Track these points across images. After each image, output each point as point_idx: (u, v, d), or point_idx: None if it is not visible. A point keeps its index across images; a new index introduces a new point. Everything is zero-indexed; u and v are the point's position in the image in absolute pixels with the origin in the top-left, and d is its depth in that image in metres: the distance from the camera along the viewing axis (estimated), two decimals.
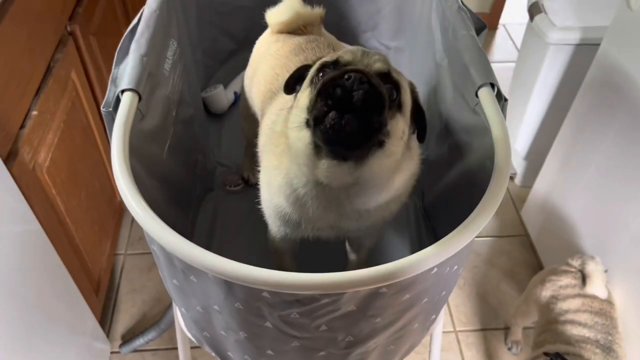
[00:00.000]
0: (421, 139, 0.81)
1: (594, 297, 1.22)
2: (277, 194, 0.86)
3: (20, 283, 1.03)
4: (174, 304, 1.09)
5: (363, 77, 0.67)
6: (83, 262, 1.36)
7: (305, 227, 0.88)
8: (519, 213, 1.90)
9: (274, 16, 1.14)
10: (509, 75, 2.45)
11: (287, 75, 0.94)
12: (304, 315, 0.67)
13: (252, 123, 1.14)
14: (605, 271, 1.26)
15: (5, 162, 1.00)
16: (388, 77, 0.73)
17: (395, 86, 0.73)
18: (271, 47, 1.13)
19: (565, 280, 1.27)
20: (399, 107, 0.73)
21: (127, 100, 0.80)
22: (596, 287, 1.22)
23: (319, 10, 1.15)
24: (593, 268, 1.24)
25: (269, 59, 1.10)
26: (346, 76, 0.66)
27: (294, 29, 1.13)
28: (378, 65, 0.73)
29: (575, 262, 1.29)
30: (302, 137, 0.73)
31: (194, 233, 1.19)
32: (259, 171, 0.95)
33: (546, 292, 1.29)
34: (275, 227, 0.93)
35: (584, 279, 1.24)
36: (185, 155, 1.14)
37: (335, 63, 0.74)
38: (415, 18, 1.34)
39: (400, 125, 0.73)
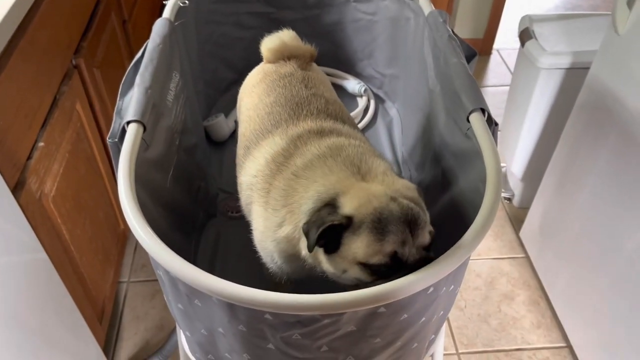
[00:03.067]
0: None
1: None
2: (276, 255, 0.90)
3: (25, 311, 1.05)
4: (177, 329, 1.10)
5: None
6: (87, 290, 1.38)
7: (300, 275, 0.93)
8: (517, 234, 1.92)
9: (265, 43, 1.19)
10: (504, 99, 2.50)
11: (258, 120, 1.00)
12: (305, 336, 0.69)
13: None
14: None
15: (13, 192, 1.03)
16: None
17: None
18: (252, 79, 1.16)
19: None
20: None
21: (133, 131, 0.83)
22: None
23: (309, 48, 1.19)
24: None
25: (247, 97, 1.13)
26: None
27: (280, 58, 1.16)
28: (427, 239, 0.77)
29: None
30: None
31: (197, 258, 1.22)
32: None
33: None
34: (271, 266, 0.96)
35: None
36: (188, 182, 1.17)
37: (394, 257, 0.74)
38: (409, 46, 1.38)
39: None
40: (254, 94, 1.10)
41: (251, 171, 0.94)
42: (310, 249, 0.75)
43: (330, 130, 0.94)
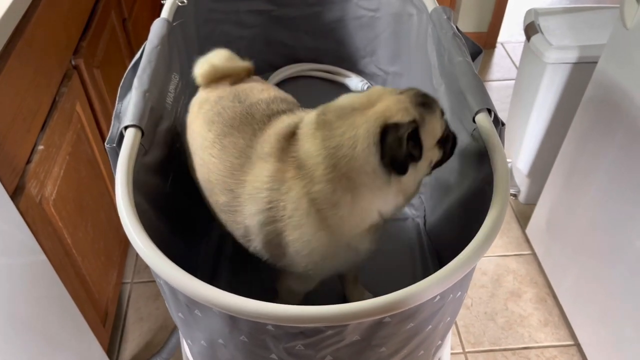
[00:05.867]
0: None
1: None
2: (365, 241, 0.88)
3: (27, 315, 1.04)
4: (180, 334, 1.09)
5: None
6: (90, 292, 1.37)
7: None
8: (524, 231, 1.90)
9: (195, 68, 1.05)
10: (508, 93, 2.47)
11: (216, 161, 0.91)
12: (308, 347, 0.67)
13: None
14: None
15: (12, 197, 1.02)
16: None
17: None
18: (189, 117, 1.02)
19: None
20: None
21: (130, 136, 0.81)
22: None
23: (245, 65, 1.08)
24: None
25: (190, 140, 1.00)
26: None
27: (212, 81, 1.03)
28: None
29: None
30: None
31: (199, 262, 1.20)
32: None
33: None
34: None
35: None
36: (189, 185, 1.15)
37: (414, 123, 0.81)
38: (412, 44, 1.36)
39: None
40: (195, 133, 0.97)
41: (259, 207, 0.86)
42: (405, 167, 0.79)
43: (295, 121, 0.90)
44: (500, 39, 2.80)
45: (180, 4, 1.19)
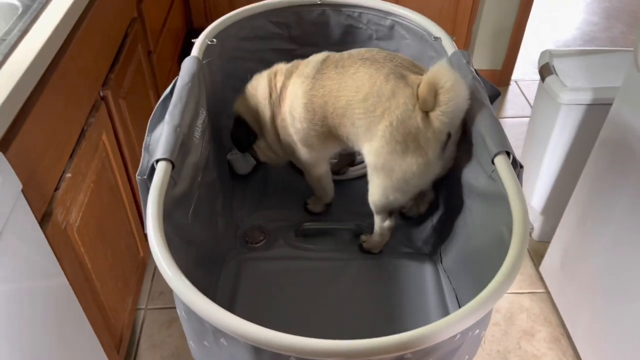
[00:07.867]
0: None
1: None
2: None
3: (46, 338, 1.05)
4: None
5: None
6: (106, 318, 1.38)
7: None
8: (537, 268, 1.90)
9: None
10: (522, 130, 2.51)
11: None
12: None
13: None
14: None
15: (40, 223, 1.05)
16: None
17: None
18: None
19: None
20: None
21: (162, 170, 0.84)
22: None
23: None
24: None
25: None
26: None
27: None
28: None
29: None
30: None
31: (217, 292, 1.22)
32: None
33: None
34: None
35: None
36: (208, 216, 1.18)
37: None
38: None
39: None
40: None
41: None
42: None
43: None
44: (514, 76, 2.84)
45: (209, 42, 1.24)
